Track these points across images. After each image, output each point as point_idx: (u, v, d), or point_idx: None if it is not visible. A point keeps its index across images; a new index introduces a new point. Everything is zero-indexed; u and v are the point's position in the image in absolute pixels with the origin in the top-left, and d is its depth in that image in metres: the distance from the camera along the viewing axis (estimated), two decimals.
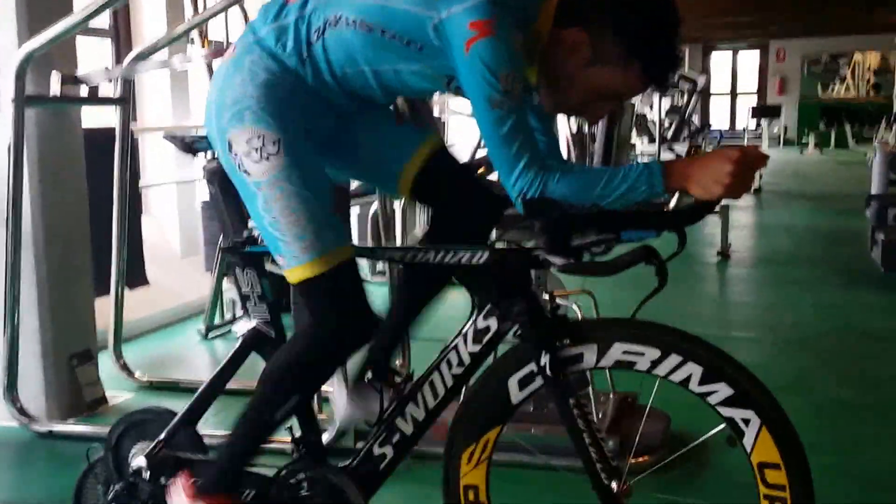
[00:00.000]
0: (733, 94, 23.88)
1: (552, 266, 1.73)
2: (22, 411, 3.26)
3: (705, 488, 2.75)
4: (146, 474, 1.99)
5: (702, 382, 1.69)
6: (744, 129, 19.31)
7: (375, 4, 1.70)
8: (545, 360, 1.75)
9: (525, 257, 1.77)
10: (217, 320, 4.71)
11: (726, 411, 1.69)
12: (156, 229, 5.62)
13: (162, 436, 2.00)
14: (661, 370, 1.71)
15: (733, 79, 23.91)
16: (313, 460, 1.96)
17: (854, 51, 21.67)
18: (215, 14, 3.59)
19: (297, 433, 1.96)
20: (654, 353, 1.71)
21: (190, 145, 1.95)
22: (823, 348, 4.36)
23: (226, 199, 1.96)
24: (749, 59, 23.68)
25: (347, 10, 1.72)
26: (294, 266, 1.75)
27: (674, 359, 1.70)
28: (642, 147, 11.85)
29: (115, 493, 2.01)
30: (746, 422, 1.67)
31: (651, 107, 11.13)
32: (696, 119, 10.79)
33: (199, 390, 2.03)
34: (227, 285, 4.55)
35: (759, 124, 20.74)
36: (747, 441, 1.68)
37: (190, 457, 1.99)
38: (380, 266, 5.58)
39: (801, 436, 2.29)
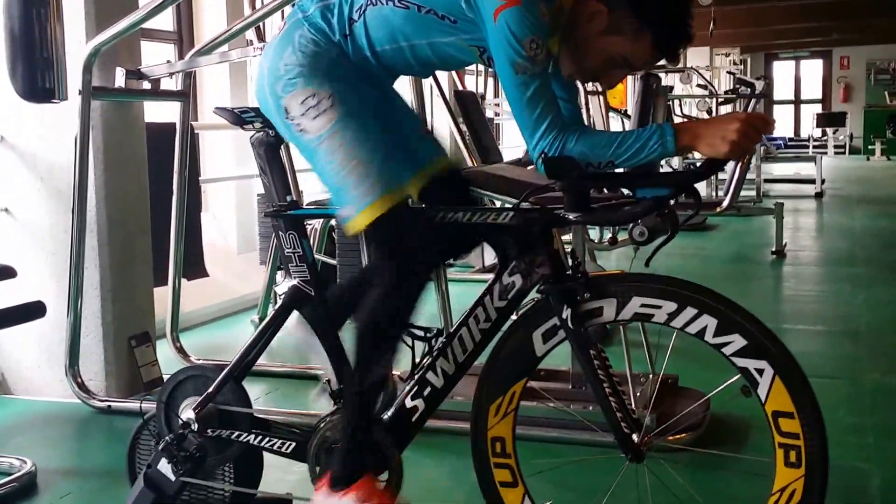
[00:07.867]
0: (797, 101, 23.62)
1: (572, 223, 1.83)
2: (83, 388, 3.40)
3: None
4: (194, 426, 2.11)
5: (716, 334, 1.75)
6: (809, 137, 18.99)
7: None
8: (567, 314, 1.84)
9: (547, 216, 1.86)
10: (270, 311, 4.82)
11: (740, 362, 1.74)
12: (215, 226, 5.81)
13: (210, 389, 2.12)
14: (678, 322, 1.78)
15: (797, 86, 23.66)
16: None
17: None
18: (271, 12, 3.74)
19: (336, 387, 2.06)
20: (671, 307, 1.78)
21: (239, 116, 2.08)
22: (872, 340, 4.36)
23: (271, 167, 2.10)
24: (812, 68, 23.39)
25: None
26: (361, 209, 1.85)
27: (689, 311, 1.76)
28: None
29: (166, 444, 2.13)
30: (760, 372, 1.73)
31: (710, 111, 11.10)
32: None
33: (244, 347, 2.15)
34: (280, 279, 4.67)
35: (824, 132, 20.46)
36: (761, 391, 1.73)
37: (235, 409, 2.11)
38: None
39: (844, 418, 2.30)
